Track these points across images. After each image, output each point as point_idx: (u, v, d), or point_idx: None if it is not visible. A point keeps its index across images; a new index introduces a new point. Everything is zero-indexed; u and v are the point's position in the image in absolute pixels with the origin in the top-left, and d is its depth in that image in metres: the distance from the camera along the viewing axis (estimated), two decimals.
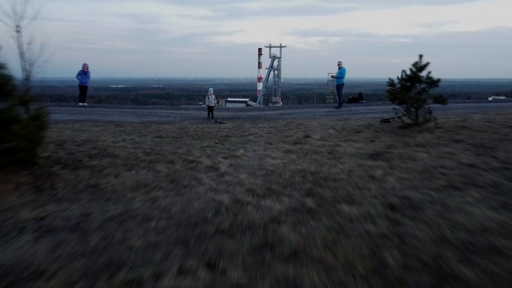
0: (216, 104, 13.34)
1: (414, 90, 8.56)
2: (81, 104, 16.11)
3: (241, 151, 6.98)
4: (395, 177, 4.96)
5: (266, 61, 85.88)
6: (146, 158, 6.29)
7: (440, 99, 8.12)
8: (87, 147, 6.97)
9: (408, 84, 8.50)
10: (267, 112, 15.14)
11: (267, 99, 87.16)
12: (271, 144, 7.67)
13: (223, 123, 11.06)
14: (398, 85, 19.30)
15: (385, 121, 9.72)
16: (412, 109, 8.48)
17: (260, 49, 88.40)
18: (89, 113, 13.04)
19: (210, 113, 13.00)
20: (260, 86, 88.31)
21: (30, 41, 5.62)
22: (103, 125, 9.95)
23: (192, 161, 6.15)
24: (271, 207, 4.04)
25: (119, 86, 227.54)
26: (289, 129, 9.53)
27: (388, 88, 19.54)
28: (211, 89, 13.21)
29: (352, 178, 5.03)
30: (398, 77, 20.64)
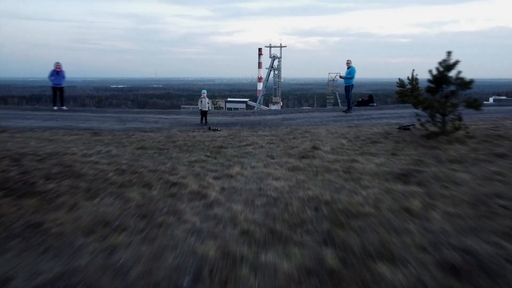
0: (210, 108, 12.05)
1: (441, 92, 7.29)
2: (56, 107, 14.70)
3: (237, 168, 5.73)
4: (440, 212, 3.72)
5: (266, 61, 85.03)
6: (118, 179, 5.05)
7: (474, 104, 6.87)
8: (50, 163, 5.74)
9: (433, 86, 7.24)
10: (268, 117, 13.81)
11: (267, 99, 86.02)
12: (273, 158, 6.42)
13: (217, 130, 9.81)
14: (408, 86, 17.93)
15: (404, 128, 8.48)
16: (438, 115, 7.22)
17: (260, 49, 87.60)
18: (66, 118, 11.75)
19: (204, 118, 11.71)
20: (260, 86, 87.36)
21: None
22: (78, 133, 8.69)
23: (174, 184, 4.91)
24: (276, 266, 2.80)
25: (119, 86, 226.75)
26: (293, 138, 8.28)
27: (398, 89, 18.20)
28: (204, 91, 11.93)
29: (382, 212, 3.79)
30: (408, 77, 19.24)
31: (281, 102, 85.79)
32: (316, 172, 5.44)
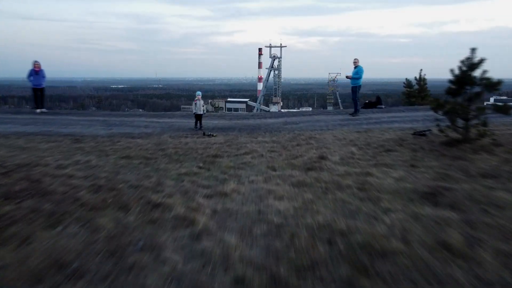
0: (205, 111, 11.22)
1: (464, 94, 6.47)
2: (38, 110, 13.66)
3: (233, 184, 4.92)
4: (490, 250, 2.91)
5: (266, 61, 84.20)
6: (91, 198, 4.24)
7: (504, 108, 6.06)
8: (17, 177, 4.95)
9: (455, 87, 6.42)
10: (269, 120, 12.78)
11: (267, 100, 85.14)
12: (274, 171, 5.62)
13: (213, 136, 8.91)
14: (416, 87, 17.04)
15: (420, 134, 7.66)
16: (460, 119, 6.41)
17: (260, 49, 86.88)
18: (47, 122, 10.87)
19: (198, 122, 10.71)
20: (260, 86, 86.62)
21: None
22: (58, 140, 7.86)
23: (157, 205, 4.10)
24: None
25: (119, 86, 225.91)
26: (297, 145, 7.45)
27: (405, 89, 17.25)
28: (199, 93, 10.83)
29: (415, 249, 2.98)
30: (416, 77, 18.34)
31: (281, 102, 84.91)
32: (325, 189, 4.63)
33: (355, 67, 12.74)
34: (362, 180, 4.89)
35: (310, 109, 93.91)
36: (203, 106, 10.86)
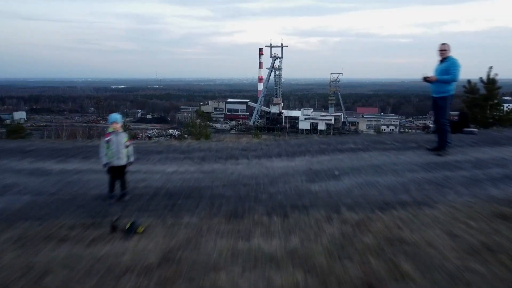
0: (132, 158, 4.39)
1: None
2: None
3: None
4: None
5: (267, 61, 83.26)
6: None
7: None
8: None
9: None
10: (276, 165, 5.71)
11: (268, 100, 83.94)
12: None
13: (136, 232, 3.25)
14: (481, 92, 12.47)
15: None
16: None
17: (260, 49, 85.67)
18: None
19: (117, 183, 4.37)
20: (261, 86, 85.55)
21: None
22: None
23: None
24: None
25: (119, 86, 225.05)
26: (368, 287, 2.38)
27: (465, 96, 12.73)
28: (116, 117, 4.35)
29: None
30: (481, 78, 13.19)
31: (282, 103, 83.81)
32: None
33: (441, 60, 6.12)
34: None
35: (311, 110, 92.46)
36: (126, 145, 4.33)
